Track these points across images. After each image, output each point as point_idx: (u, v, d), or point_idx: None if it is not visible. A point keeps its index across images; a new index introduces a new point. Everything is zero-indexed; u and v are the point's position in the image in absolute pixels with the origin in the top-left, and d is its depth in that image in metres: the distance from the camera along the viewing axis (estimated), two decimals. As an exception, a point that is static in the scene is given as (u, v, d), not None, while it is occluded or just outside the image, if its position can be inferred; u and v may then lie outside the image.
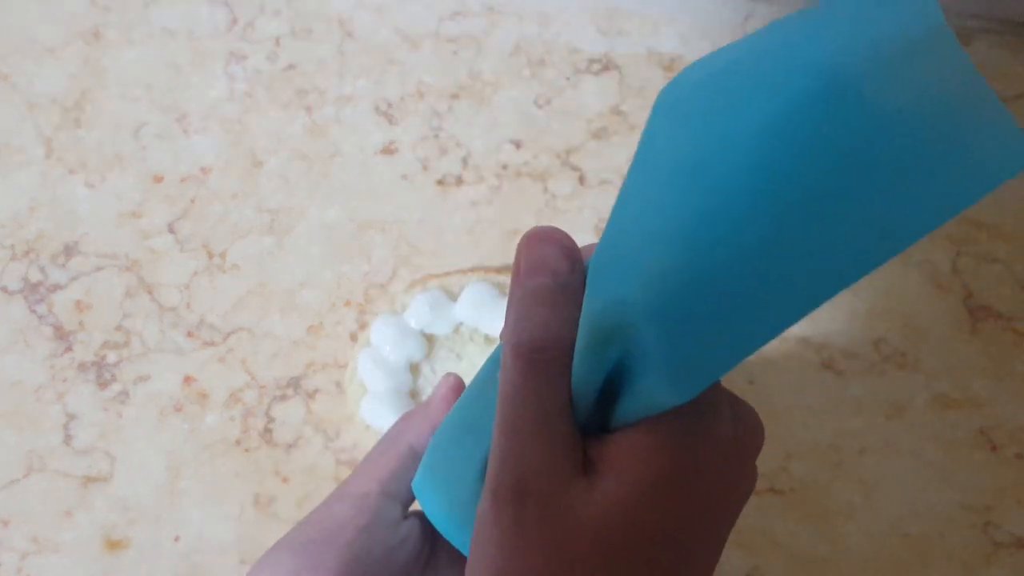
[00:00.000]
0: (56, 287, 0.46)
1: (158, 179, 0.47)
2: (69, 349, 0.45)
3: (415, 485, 0.31)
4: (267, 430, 0.44)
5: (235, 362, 0.45)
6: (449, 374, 0.36)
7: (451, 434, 0.30)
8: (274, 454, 0.44)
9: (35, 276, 0.46)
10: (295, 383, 0.45)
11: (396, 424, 0.34)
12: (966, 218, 0.47)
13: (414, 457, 0.33)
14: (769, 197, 0.21)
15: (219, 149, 0.48)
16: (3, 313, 0.45)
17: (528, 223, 0.47)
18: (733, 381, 0.45)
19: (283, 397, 0.45)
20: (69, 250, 0.46)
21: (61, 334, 0.45)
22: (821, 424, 0.45)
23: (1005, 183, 0.20)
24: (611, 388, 0.24)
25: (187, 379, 0.45)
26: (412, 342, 0.43)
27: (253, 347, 0.45)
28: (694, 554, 0.25)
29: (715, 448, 0.24)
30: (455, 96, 0.49)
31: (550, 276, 0.25)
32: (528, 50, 0.49)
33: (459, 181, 0.47)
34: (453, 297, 0.44)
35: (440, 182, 0.47)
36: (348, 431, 0.44)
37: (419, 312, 0.43)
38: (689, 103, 0.24)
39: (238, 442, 0.44)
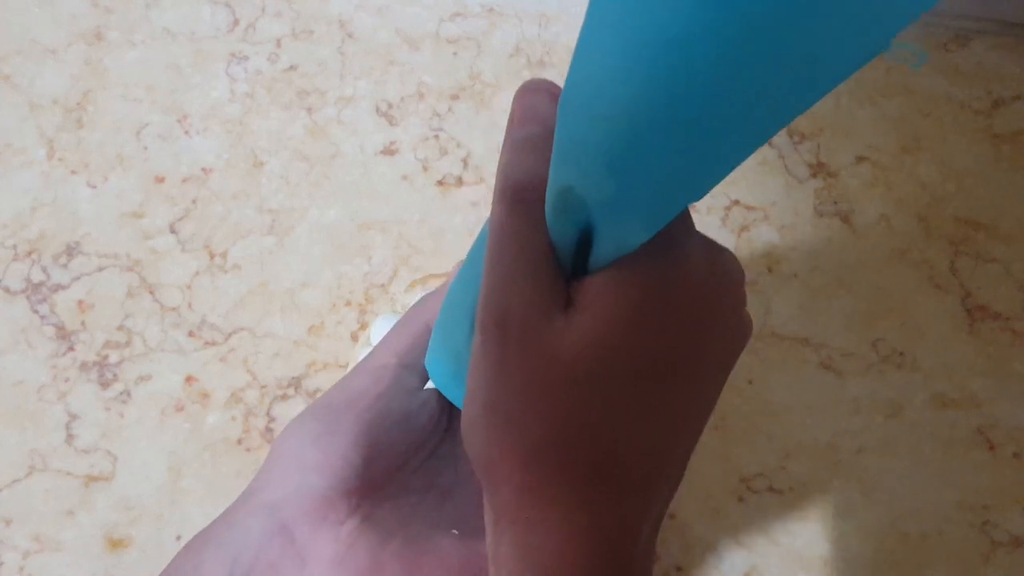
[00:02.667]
0: (58, 287, 0.46)
1: (159, 179, 0.48)
2: (71, 349, 0.45)
3: (427, 362, 0.32)
4: (268, 430, 0.44)
5: (236, 362, 0.45)
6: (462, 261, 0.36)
7: (449, 299, 0.31)
8: (275, 453, 0.44)
9: (37, 276, 0.46)
10: (296, 383, 0.45)
11: (413, 306, 0.35)
12: (964, 218, 0.47)
13: (430, 334, 0.34)
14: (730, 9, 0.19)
15: (220, 150, 0.48)
16: (5, 313, 0.45)
17: (528, 223, 0.47)
18: (732, 380, 0.45)
19: (284, 397, 0.45)
20: (71, 250, 0.46)
21: (63, 334, 0.45)
22: (819, 423, 0.45)
23: (1003, 184, 0.20)
24: (588, 236, 0.25)
25: (189, 379, 0.45)
26: (413, 342, 0.43)
27: (254, 347, 0.45)
28: (672, 391, 0.25)
29: (687, 282, 0.25)
30: (455, 97, 0.49)
31: (539, 125, 0.26)
32: (528, 51, 0.50)
33: (459, 182, 0.48)
34: (453, 297, 0.44)
35: (440, 183, 0.48)
36: (349, 430, 0.45)
37: (420, 312, 0.43)
38: None
39: (239, 442, 0.44)
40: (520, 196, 0.25)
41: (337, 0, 0.50)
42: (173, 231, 0.47)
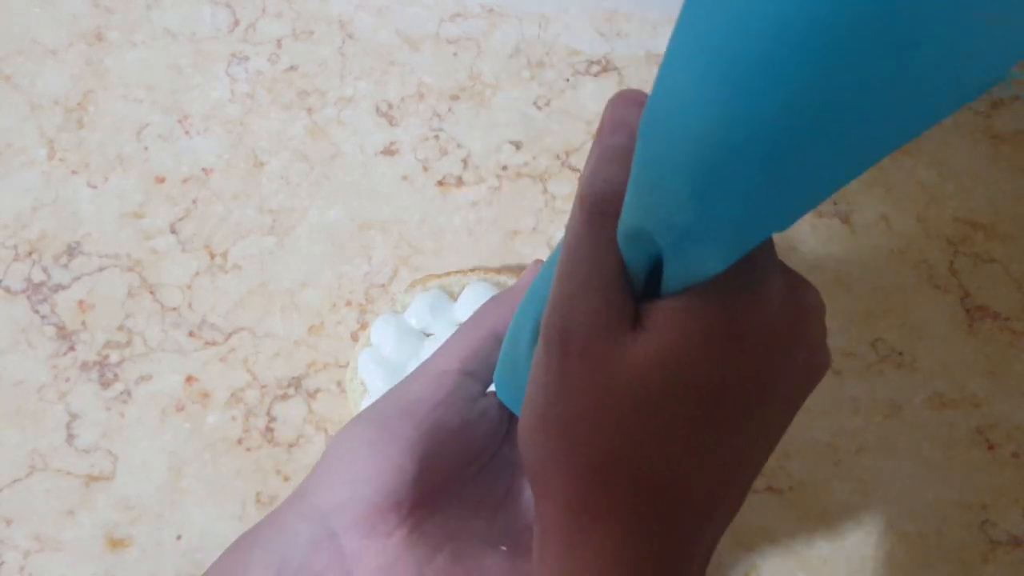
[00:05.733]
0: (59, 287, 0.46)
1: (160, 180, 0.48)
2: (72, 349, 0.45)
3: (495, 378, 0.31)
4: (268, 429, 0.44)
5: (237, 362, 0.45)
6: (537, 260, 0.35)
7: (521, 306, 0.30)
8: (275, 453, 0.44)
9: (38, 276, 0.46)
10: (296, 383, 0.45)
11: (481, 308, 0.34)
12: (963, 219, 0.47)
13: (496, 340, 0.33)
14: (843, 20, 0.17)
15: (221, 150, 0.48)
16: (6, 313, 0.46)
17: (528, 223, 0.47)
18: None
19: (284, 396, 0.45)
20: (72, 250, 0.46)
21: (64, 334, 0.45)
22: (819, 423, 0.45)
23: (1002, 184, 0.20)
24: (661, 260, 0.24)
25: (189, 379, 0.45)
26: (412, 342, 0.43)
27: (254, 347, 0.45)
28: (737, 422, 0.24)
29: (762, 314, 0.24)
30: (455, 97, 0.49)
31: (628, 136, 0.25)
32: (528, 52, 0.50)
33: (459, 182, 0.48)
34: (453, 297, 0.44)
35: (440, 183, 0.48)
36: (349, 430, 0.45)
37: (419, 312, 0.43)
38: None
39: (240, 441, 0.44)
40: (600, 208, 0.24)
41: (337, 0, 0.50)
42: (173, 231, 0.47)
